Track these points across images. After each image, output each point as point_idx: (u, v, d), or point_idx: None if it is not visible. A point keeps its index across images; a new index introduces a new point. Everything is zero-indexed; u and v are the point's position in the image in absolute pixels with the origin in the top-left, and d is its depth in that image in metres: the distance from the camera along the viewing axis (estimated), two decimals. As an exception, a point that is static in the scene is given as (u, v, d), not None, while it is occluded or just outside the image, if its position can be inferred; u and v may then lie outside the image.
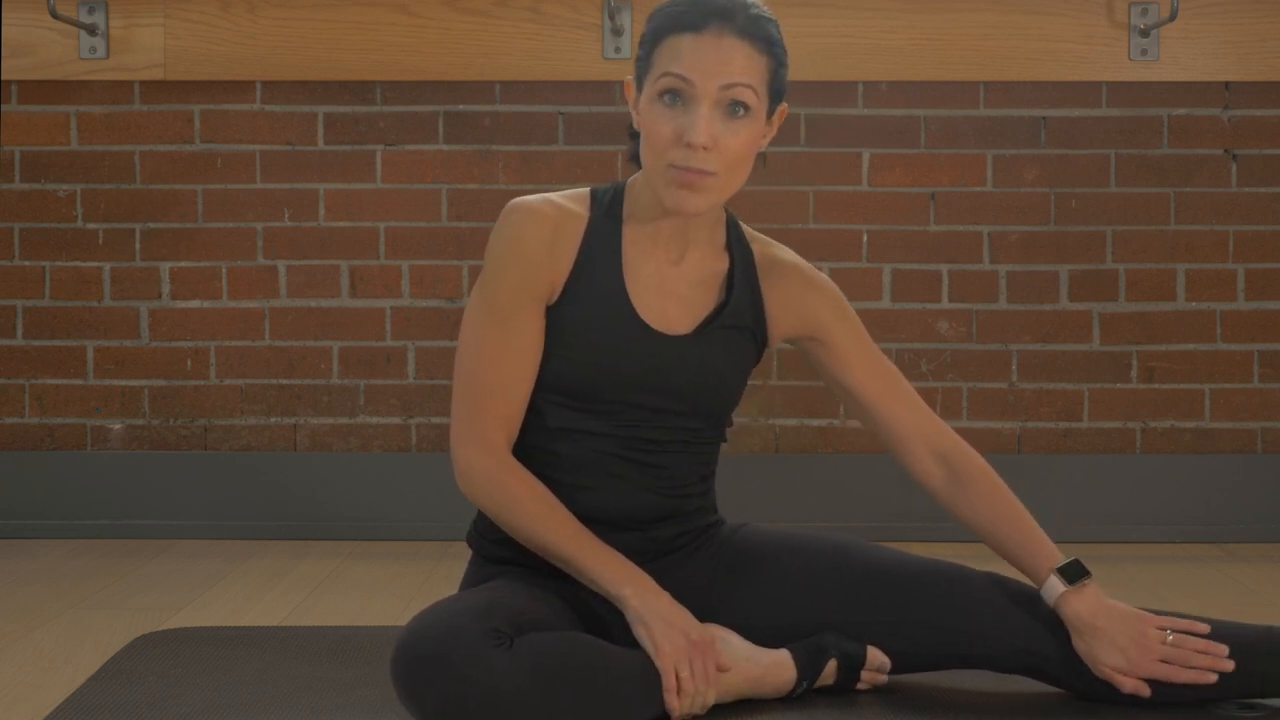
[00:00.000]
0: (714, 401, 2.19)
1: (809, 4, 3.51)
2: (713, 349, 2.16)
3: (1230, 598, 2.99)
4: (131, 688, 2.24)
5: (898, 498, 3.54)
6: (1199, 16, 3.51)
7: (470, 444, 2.11)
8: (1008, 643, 2.15)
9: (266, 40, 3.53)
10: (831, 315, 2.24)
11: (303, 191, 3.58)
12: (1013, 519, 2.21)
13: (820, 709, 2.15)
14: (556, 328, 2.12)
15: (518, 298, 2.10)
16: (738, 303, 2.18)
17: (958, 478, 2.24)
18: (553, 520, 2.10)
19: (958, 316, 3.58)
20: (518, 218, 2.12)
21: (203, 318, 3.58)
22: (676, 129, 2.04)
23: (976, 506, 2.23)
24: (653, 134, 2.06)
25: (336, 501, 3.57)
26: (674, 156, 2.04)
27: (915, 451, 2.25)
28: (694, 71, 2.03)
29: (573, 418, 2.13)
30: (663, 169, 2.06)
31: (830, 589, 2.20)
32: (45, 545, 3.46)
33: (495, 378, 2.10)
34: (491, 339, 2.11)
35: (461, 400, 2.12)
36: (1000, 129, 3.58)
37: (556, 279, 2.12)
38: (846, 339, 2.24)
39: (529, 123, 3.57)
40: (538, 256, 2.10)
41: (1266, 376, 3.58)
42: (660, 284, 2.16)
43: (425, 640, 1.92)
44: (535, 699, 1.90)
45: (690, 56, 2.04)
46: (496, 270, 2.11)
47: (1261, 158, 3.57)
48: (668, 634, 2.04)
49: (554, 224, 2.12)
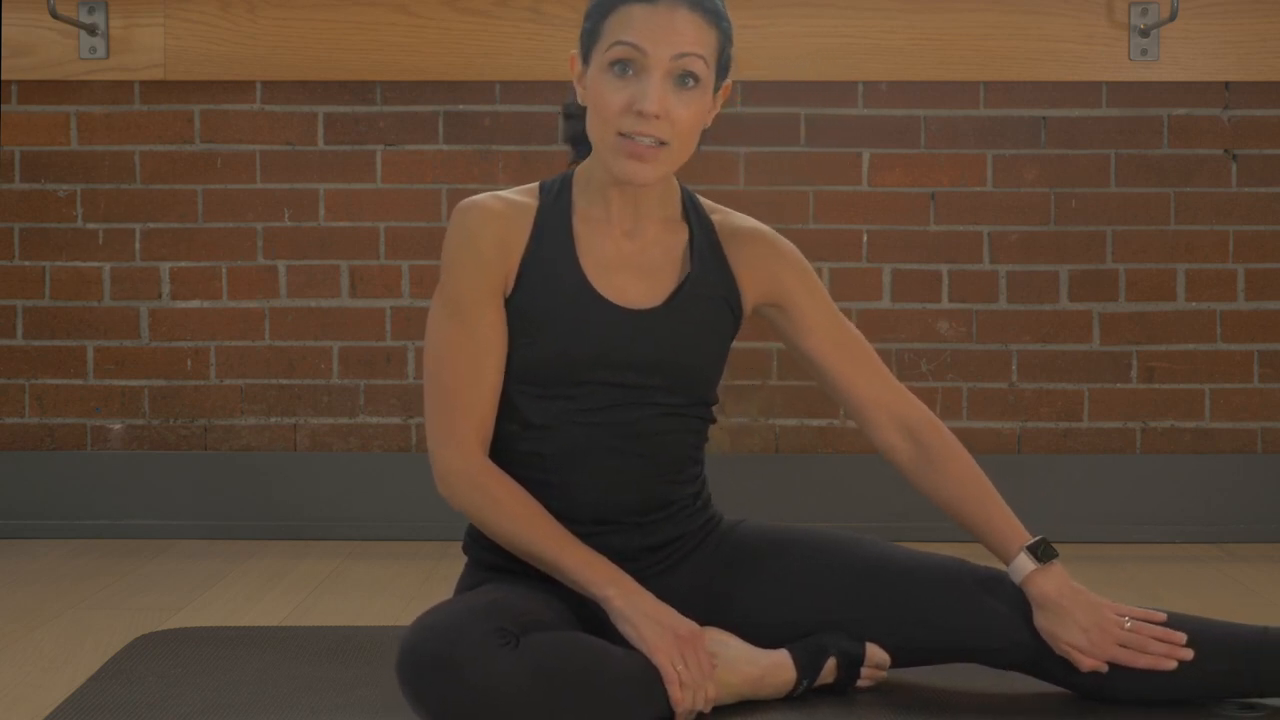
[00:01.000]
0: (691, 374, 2.17)
1: (809, 4, 3.51)
2: (685, 320, 2.16)
3: (1230, 598, 2.99)
4: (131, 688, 2.24)
5: (898, 498, 3.53)
6: (1199, 16, 3.51)
7: (445, 445, 2.12)
8: (1006, 637, 2.15)
9: (266, 40, 3.53)
10: (795, 280, 2.23)
11: (303, 191, 3.58)
12: (979, 496, 2.21)
13: (821, 708, 2.15)
14: (518, 316, 2.12)
15: (475, 294, 2.11)
16: (704, 270, 2.18)
17: (925, 452, 2.22)
18: (533, 521, 2.09)
19: (958, 316, 3.58)
20: (467, 216, 2.14)
21: (203, 318, 3.58)
22: (628, 98, 2.05)
23: (943, 482, 2.22)
24: (602, 104, 2.06)
25: (336, 501, 3.57)
26: (624, 124, 2.05)
27: (878, 423, 2.23)
28: (646, 40, 2.04)
29: (550, 409, 2.12)
30: (612, 139, 2.06)
31: (830, 586, 2.20)
32: (45, 545, 3.46)
33: (462, 375, 2.11)
34: (454, 338, 2.11)
35: (433, 403, 2.13)
36: (1000, 129, 3.58)
37: (510, 270, 2.13)
38: (809, 303, 2.23)
39: (529, 123, 3.57)
40: (490, 251, 2.12)
41: (1266, 376, 3.58)
42: (618, 259, 2.16)
43: (430, 641, 1.92)
44: (537, 699, 1.90)
45: (642, 26, 2.05)
46: (452, 270, 2.13)
47: (1261, 158, 3.57)
48: (656, 631, 2.04)
49: (503, 217, 2.14)
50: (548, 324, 2.12)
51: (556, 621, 2.06)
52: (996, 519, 2.20)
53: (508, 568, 2.16)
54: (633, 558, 2.15)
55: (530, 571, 2.14)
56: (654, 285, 2.16)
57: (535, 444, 2.14)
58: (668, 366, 2.15)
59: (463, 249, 2.12)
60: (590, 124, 2.10)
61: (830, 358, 2.23)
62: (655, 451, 2.16)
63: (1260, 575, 3.22)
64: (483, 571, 2.20)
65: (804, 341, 2.23)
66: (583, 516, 2.13)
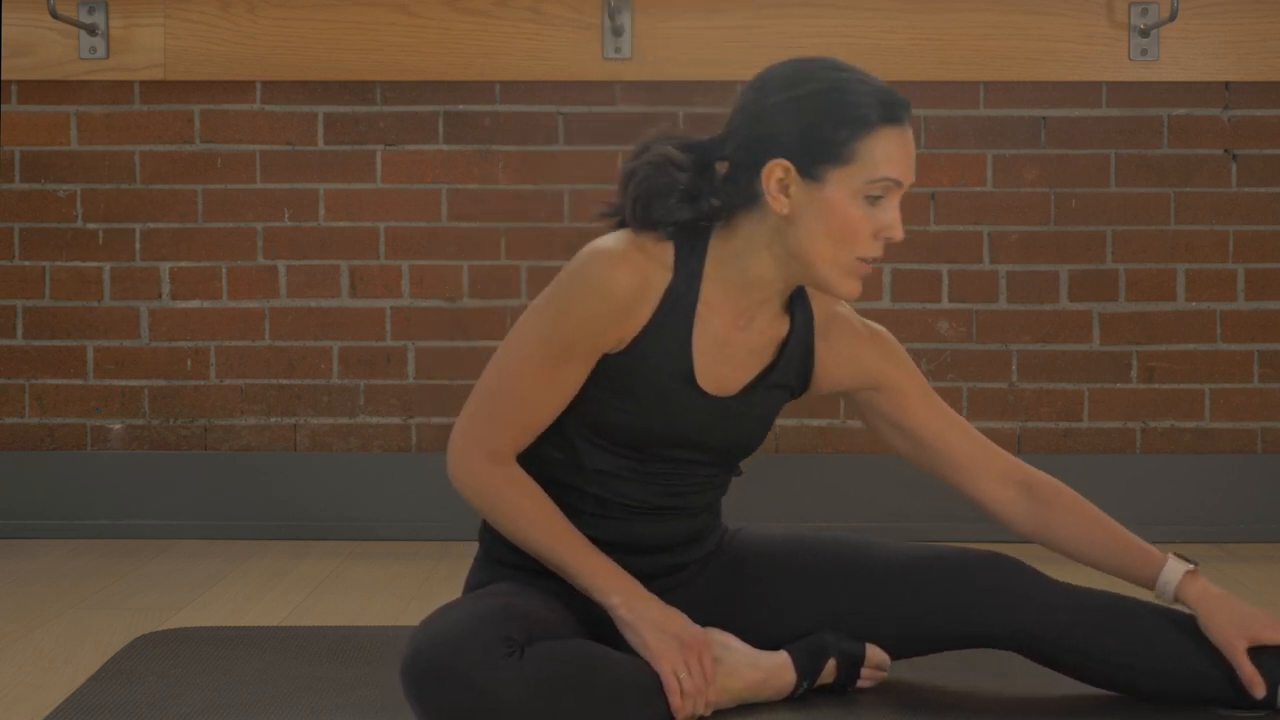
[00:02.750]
0: (744, 455, 2.21)
1: (809, 4, 3.51)
2: (752, 407, 2.16)
3: (1230, 598, 2.99)
4: (131, 688, 2.24)
5: (898, 498, 3.54)
6: (1199, 16, 3.51)
7: (475, 441, 2.09)
8: (1006, 620, 2.16)
9: (266, 40, 3.53)
10: (886, 362, 2.22)
11: (303, 191, 3.58)
12: (1106, 525, 2.20)
13: (821, 708, 2.15)
14: (615, 376, 2.08)
15: (579, 343, 2.05)
16: (786, 365, 2.16)
17: (1040, 501, 2.21)
18: (544, 522, 2.09)
19: (958, 316, 3.58)
20: (608, 266, 2.03)
21: (203, 318, 3.58)
22: (877, 225, 2.02)
23: (1066, 524, 2.20)
24: (847, 229, 2.01)
25: (336, 501, 3.57)
26: (871, 250, 2.03)
27: (991, 483, 2.22)
28: (905, 174, 2.02)
29: (606, 459, 2.12)
30: (850, 261, 2.03)
31: (834, 586, 2.21)
32: (45, 545, 3.46)
33: (524, 402, 2.07)
34: (539, 369, 2.06)
35: (484, 403, 2.09)
36: (1000, 129, 3.58)
37: (626, 334, 2.06)
38: (905, 382, 2.22)
39: (529, 123, 3.57)
40: (616, 314, 2.04)
41: (1266, 376, 3.58)
42: (723, 349, 2.12)
43: (436, 649, 1.91)
44: (537, 707, 1.91)
45: (899, 156, 2.02)
46: (569, 309, 2.04)
47: (1261, 158, 3.57)
48: (660, 638, 2.05)
49: (639, 288, 2.04)
50: (638, 398, 2.09)
51: (563, 627, 2.06)
52: (1130, 542, 2.19)
53: (520, 564, 2.16)
54: (652, 577, 2.16)
55: (542, 569, 2.14)
56: (740, 374, 2.14)
57: (580, 480, 2.13)
58: (727, 450, 2.17)
59: (591, 298, 2.03)
60: (815, 240, 2.02)
61: (932, 428, 2.22)
62: (693, 504, 2.19)
63: (1260, 575, 3.22)
64: (494, 567, 2.19)
65: (907, 419, 2.22)
66: (608, 541, 2.14)
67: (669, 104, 3.55)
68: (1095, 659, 2.14)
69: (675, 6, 3.52)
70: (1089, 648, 2.14)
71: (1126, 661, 2.13)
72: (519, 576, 2.16)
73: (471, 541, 3.49)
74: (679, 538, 2.19)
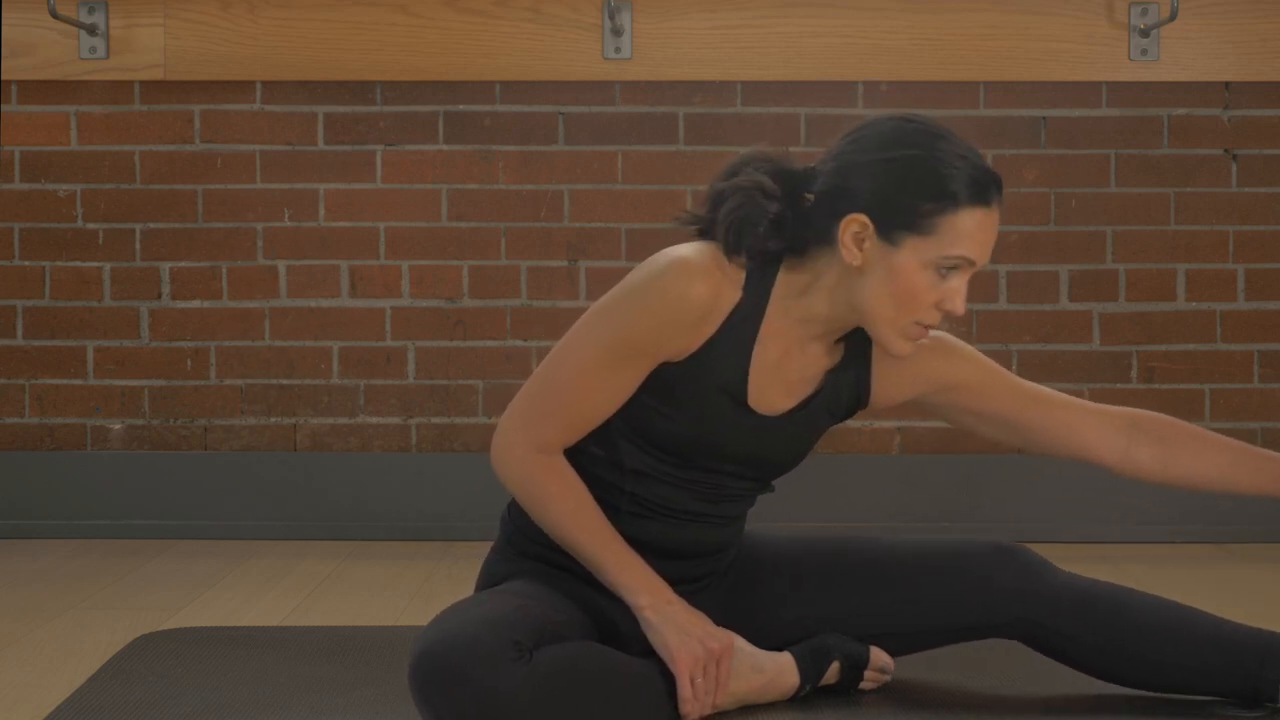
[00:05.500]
0: (780, 473, 2.21)
1: (809, 4, 3.51)
2: (798, 427, 2.16)
3: (1230, 598, 2.99)
4: (131, 688, 2.23)
5: (898, 498, 3.54)
6: (1199, 16, 3.51)
7: (523, 431, 2.09)
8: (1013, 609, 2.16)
9: (266, 40, 3.53)
10: (947, 361, 2.22)
11: (303, 191, 3.58)
12: (1232, 447, 2.20)
13: (824, 709, 2.15)
14: (668, 385, 2.08)
15: (643, 348, 2.05)
16: (832, 392, 2.16)
17: (1157, 440, 2.21)
18: (581, 514, 2.09)
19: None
20: (687, 277, 2.03)
21: (203, 318, 3.58)
22: (940, 295, 2.03)
23: (1195, 453, 2.21)
24: (910, 295, 2.02)
25: (336, 501, 3.57)
26: (924, 317, 2.04)
27: (1100, 440, 2.21)
28: (980, 255, 2.03)
29: (649, 463, 2.12)
30: (907, 324, 2.04)
31: (840, 587, 2.23)
32: (45, 545, 3.46)
33: (581, 400, 2.07)
34: (599, 368, 2.06)
35: (537, 397, 2.09)
36: (1000, 129, 3.57)
37: (690, 345, 2.06)
38: (973, 374, 2.22)
39: (529, 123, 3.57)
40: (684, 325, 2.04)
41: (1266, 376, 3.58)
42: (779, 373, 2.12)
43: (444, 652, 1.90)
44: (545, 710, 1.91)
45: (980, 238, 2.03)
46: (638, 313, 2.04)
47: (1261, 158, 3.57)
48: (684, 642, 2.06)
49: (713, 300, 2.05)
50: (687, 409, 2.09)
51: (576, 630, 2.07)
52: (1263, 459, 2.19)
53: (542, 556, 2.16)
54: (678, 581, 2.16)
55: (563, 564, 2.14)
56: (787, 398, 2.14)
57: (618, 478, 2.13)
58: (766, 467, 2.18)
59: (666, 306, 2.03)
60: (878, 298, 2.03)
61: (1017, 408, 2.22)
62: (726, 513, 2.19)
63: (1260, 575, 3.22)
64: (516, 558, 2.19)
65: (988, 406, 2.22)
66: (639, 541, 2.14)
67: (669, 104, 3.55)
68: (1101, 649, 2.14)
69: (675, 6, 3.52)
70: (1096, 638, 2.14)
71: (1133, 652, 2.13)
72: (539, 570, 2.16)
73: (472, 541, 3.50)
74: (708, 546, 2.19)
